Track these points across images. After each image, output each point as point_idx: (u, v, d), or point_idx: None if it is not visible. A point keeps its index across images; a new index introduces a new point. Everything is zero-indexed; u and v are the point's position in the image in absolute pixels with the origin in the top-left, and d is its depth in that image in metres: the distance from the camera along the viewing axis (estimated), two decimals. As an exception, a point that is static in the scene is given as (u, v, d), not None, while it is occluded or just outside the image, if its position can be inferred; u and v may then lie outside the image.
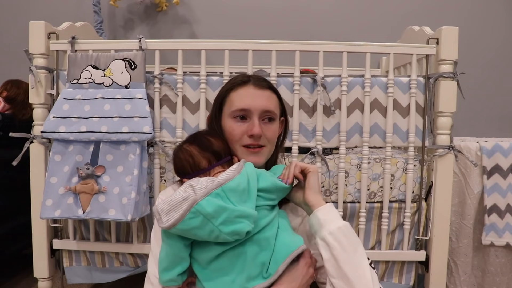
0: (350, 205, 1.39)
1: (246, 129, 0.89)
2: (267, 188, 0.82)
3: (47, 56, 1.38)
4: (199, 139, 0.90)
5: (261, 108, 0.89)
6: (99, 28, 2.04)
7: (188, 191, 0.75)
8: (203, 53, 1.35)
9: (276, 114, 0.93)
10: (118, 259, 1.45)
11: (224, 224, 0.71)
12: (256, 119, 0.89)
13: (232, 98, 0.92)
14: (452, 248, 1.52)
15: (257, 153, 0.90)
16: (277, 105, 0.95)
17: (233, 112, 0.90)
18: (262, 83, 0.93)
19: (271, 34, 2.16)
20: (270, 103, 0.92)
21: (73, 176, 1.25)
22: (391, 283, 1.44)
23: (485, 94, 2.24)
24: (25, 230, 1.47)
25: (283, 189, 0.86)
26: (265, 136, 0.90)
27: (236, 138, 0.90)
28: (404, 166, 1.39)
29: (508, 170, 1.46)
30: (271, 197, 0.83)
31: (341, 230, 0.76)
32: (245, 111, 0.90)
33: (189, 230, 0.71)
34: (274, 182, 0.84)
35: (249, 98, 0.90)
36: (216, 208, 0.71)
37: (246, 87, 0.92)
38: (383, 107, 1.36)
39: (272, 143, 0.94)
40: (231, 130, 0.90)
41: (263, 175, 0.85)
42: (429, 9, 2.22)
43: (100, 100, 1.29)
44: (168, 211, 0.72)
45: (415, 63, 1.38)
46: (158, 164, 1.36)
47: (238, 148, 0.91)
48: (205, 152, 0.87)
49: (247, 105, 0.89)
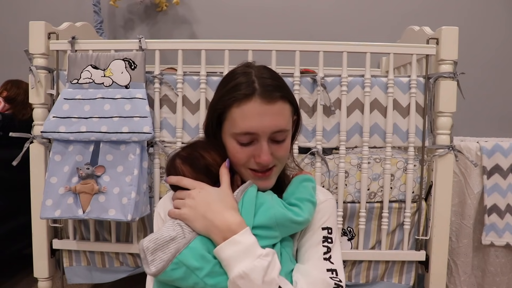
0: (350, 205, 1.39)
1: (252, 153, 0.76)
2: (263, 224, 0.70)
3: (47, 56, 1.38)
4: (193, 156, 0.78)
5: (270, 130, 0.74)
6: (99, 28, 2.04)
7: (176, 230, 0.69)
8: (203, 53, 1.35)
9: (288, 130, 0.78)
10: (118, 259, 1.45)
11: (210, 276, 0.64)
12: (264, 144, 0.75)
13: (234, 116, 0.75)
14: (452, 248, 1.52)
15: (266, 178, 0.79)
16: (289, 115, 0.79)
17: (236, 134, 0.75)
18: (271, 93, 0.74)
19: (271, 34, 2.16)
20: (281, 119, 0.75)
21: (73, 176, 1.25)
22: (391, 283, 1.44)
23: (485, 94, 2.24)
24: (25, 230, 1.47)
25: (293, 224, 0.72)
26: (276, 157, 0.77)
27: (241, 162, 0.77)
28: (404, 166, 1.39)
29: (508, 170, 1.46)
30: (271, 234, 0.71)
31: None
32: (251, 135, 0.74)
33: (172, 281, 0.65)
34: (273, 216, 0.71)
35: (256, 119, 0.73)
36: (200, 259, 0.65)
37: (251, 103, 0.73)
38: (383, 107, 1.36)
39: (283, 161, 0.81)
40: (235, 153, 0.77)
41: (264, 206, 0.72)
42: (429, 9, 2.22)
43: (100, 100, 1.29)
44: (154, 250, 0.66)
45: (415, 63, 1.38)
46: (158, 164, 1.36)
47: (244, 171, 0.79)
48: (199, 174, 0.76)
49: (253, 128, 0.73)
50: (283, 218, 0.71)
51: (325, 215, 0.80)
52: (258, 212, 0.72)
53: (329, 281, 0.71)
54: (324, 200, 0.82)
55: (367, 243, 1.42)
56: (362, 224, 1.37)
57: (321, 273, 0.72)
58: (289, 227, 0.73)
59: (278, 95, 0.75)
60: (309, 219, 0.76)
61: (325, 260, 0.74)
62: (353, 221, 1.41)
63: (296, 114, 0.85)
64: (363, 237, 1.39)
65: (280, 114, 0.76)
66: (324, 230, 0.78)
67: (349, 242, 1.42)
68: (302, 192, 0.78)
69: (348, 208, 1.39)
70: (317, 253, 0.75)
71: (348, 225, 1.42)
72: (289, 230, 0.75)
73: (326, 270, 0.72)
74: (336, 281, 0.71)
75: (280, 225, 0.71)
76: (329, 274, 0.72)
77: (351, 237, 1.42)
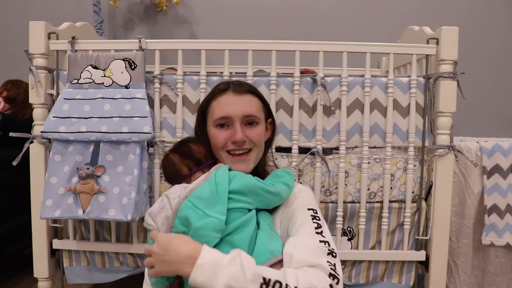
0: (350, 205, 1.39)
1: (229, 135, 0.90)
2: (238, 190, 0.81)
3: (47, 56, 1.38)
4: (181, 147, 0.94)
5: (241, 113, 0.90)
6: (99, 28, 2.04)
7: (164, 201, 0.82)
8: (203, 53, 1.35)
9: (258, 118, 0.93)
10: (118, 259, 1.45)
11: (196, 236, 0.74)
12: (238, 125, 0.90)
13: (213, 107, 0.93)
14: (452, 248, 1.52)
15: (243, 160, 0.91)
16: (259, 108, 0.95)
17: (215, 121, 0.92)
18: (241, 88, 0.94)
19: (271, 34, 2.16)
20: (250, 107, 0.92)
21: (73, 176, 1.25)
22: (391, 283, 1.44)
23: (485, 94, 2.24)
24: (25, 230, 1.47)
25: (265, 192, 0.83)
26: (251, 140, 0.91)
27: (220, 145, 0.91)
28: (404, 166, 1.39)
29: (508, 170, 1.46)
30: (245, 199, 0.81)
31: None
32: (226, 119, 0.90)
33: None
34: (246, 183, 0.82)
35: (229, 105, 0.91)
36: (183, 226, 0.77)
37: (225, 95, 0.93)
38: (383, 107, 1.36)
39: (259, 146, 0.94)
40: (215, 138, 0.92)
41: (238, 177, 0.84)
42: (429, 9, 2.22)
43: (100, 100, 1.29)
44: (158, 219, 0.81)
45: (415, 63, 1.38)
46: (158, 164, 1.36)
47: (223, 155, 0.92)
48: (185, 159, 0.91)
49: (227, 113, 0.90)
50: (255, 186, 0.82)
51: (306, 198, 0.87)
52: (232, 181, 0.82)
53: (323, 248, 0.75)
54: (303, 189, 0.92)
55: (367, 243, 1.42)
56: (362, 224, 1.37)
57: (315, 241, 0.76)
58: (262, 195, 0.83)
59: (247, 89, 0.94)
60: (280, 193, 0.85)
61: (317, 234, 0.78)
62: (353, 221, 1.41)
63: (271, 117, 1.01)
64: (363, 237, 1.39)
65: (249, 103, 0.93)
66: (310, 210, 0.84)
67: (349, 242, 1.42)
68: (277, 177, 0.90)
69: (348, 208, 1.39)
70: (308, 227, 0.79)
71: (348, 225, 1.42)
72: (264, 199, 0.83)
73: (319, 241, 0.76)
74: (330, 249, 0.75)
75: (253, 192, 0.82)
76: (322, 244, 0.76)
77: (351, 237, 1.42)
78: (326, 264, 0.71)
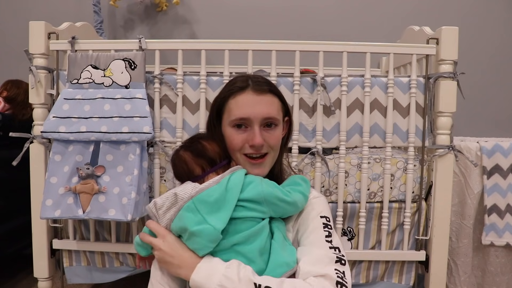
0: (350, 205, 1.39)
1: (246, 138, 0.86)
2: (252, 198, 0.77)
3: (47, 56, 1.38)
4: (194, 144, 0.88)
5: (261, 116, 0.85)
6: (99, 28, 2.04)
7: (172, 200, 0.80)
8: (203, 53, 1.35)
9: (278, 120, 0.89)
10: (118, 259, 1.45)
11: (189, 240, 0.76)
12: (257, 128, 0.85)
13: (231, 106, 0.88)
14: (452, 248, 1.52)
15: (260, 165, 0.87)
16: (279, 109, 0.90)
17: (232, 121, 0.87)
18: (262, 87, 0.88)
19: (271, 34, 2.16)
20: (271, 109, 0.87)
21: (73, 176, 1.24)
22: (391, 283, 1.44)
23: (485, 94, 2.24)
24: (25, 230, 1.47)
25: (281, 202, 0.79)
26: (268, 144, 0.87)
27: (237, 147, 0.87)
28: (404, 166, 1.39)
29: (508, 170, 1.46)
30: (259, 208, 0.78)
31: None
32: (244, 120, 0.86)
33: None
34: (261, 192, 0.78)
35: (249, 106, 0.85)
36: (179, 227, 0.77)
37: (244, 94, 0.87)
38: (383, 107, 1.36)
39: (275, 150, 0.90)
40: (231, 139, 0.87)
41: (253, 184, 0.80)
42: (429, 9, 2.22)
43: (100, 100, 1.29)
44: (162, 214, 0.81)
45: (415, 63, 1.38)
46: (158, 164, 1.36)
47: (240, 157, 0.88)
48: (198, 158, 0.85)
49: (246, 114, 0.85)
50: (271, 195, 0.78)
51: (320, 206, 0.86)
52: (247, 188, 0.78)
53: (332, 255, 0.75)
54: (317, 196, 0.90)
55: (367, 243, 1.42)
56: (362, 224, 1.37)
57: (324, 250, 0.76)
58: (278, 205, 0.79)
59: (267, 89, 0.88)
60: (297, 203, 0.82)
61: (327, 242, 0.78)
62: (353, 221, 1.41)
63: (288, 116, 0.96)
64: (363, 237, 1.39)
65: (270, 104, 0.87)
66: (323, 218, 0.83)
67: (349, 242, 1.42)
68: (295, 185, 0.86)
69: (348, 208, 1.39)
70: (319, 236, 0.79)
71: (348, 225, 1.42)
72: (279, 208, 0.80)
73: (329, 248, 0.76)
74: (339, 255, 0.75)
75: (268, 201, 0.78)
76: (332, 250, 0.76)
77: (351, 237, 1.42)
78: (333, 272, 0.71)
